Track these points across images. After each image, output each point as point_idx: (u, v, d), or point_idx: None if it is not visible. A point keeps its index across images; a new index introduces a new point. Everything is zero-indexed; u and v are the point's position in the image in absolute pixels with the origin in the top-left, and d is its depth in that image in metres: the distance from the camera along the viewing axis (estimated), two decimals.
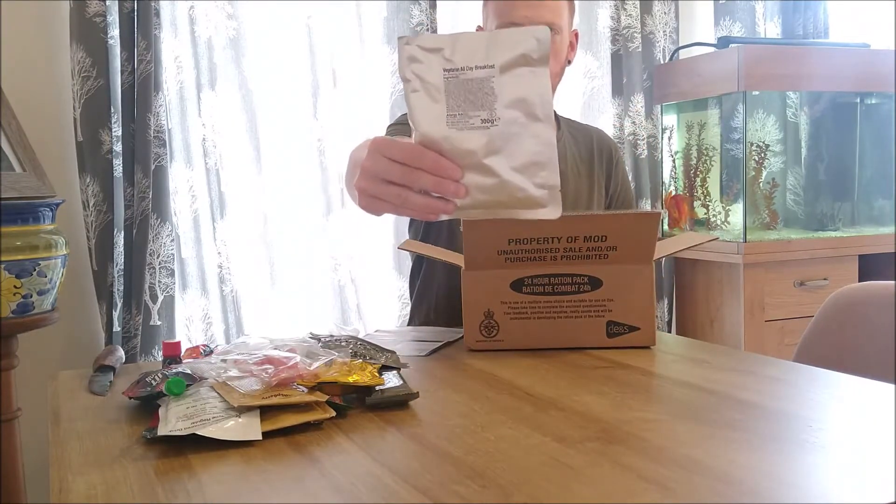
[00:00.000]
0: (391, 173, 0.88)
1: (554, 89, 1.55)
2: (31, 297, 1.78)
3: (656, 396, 0.95)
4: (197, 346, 1.11)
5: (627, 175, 1.76)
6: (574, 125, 1.71)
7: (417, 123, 0.91)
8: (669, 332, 2.76)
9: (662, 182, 2.82)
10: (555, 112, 1.65)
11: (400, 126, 1.51)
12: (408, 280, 1.77)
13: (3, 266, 1.72)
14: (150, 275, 2.15)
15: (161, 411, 0.86)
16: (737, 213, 2.59)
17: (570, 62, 1.58)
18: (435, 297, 1.58)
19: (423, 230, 1.57)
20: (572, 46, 1.57)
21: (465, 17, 2.49)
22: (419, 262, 1.65)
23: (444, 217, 0.91)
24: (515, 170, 0.88)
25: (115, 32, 2.12)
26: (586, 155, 1.65)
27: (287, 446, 0.80)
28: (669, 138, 2.83)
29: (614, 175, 1.68)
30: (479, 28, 1.58)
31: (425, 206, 0.89)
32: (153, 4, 2.11)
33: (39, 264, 1.78)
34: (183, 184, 2.25)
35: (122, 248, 2.15)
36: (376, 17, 2.43)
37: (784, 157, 2.79)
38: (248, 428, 0.82)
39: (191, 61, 2.24)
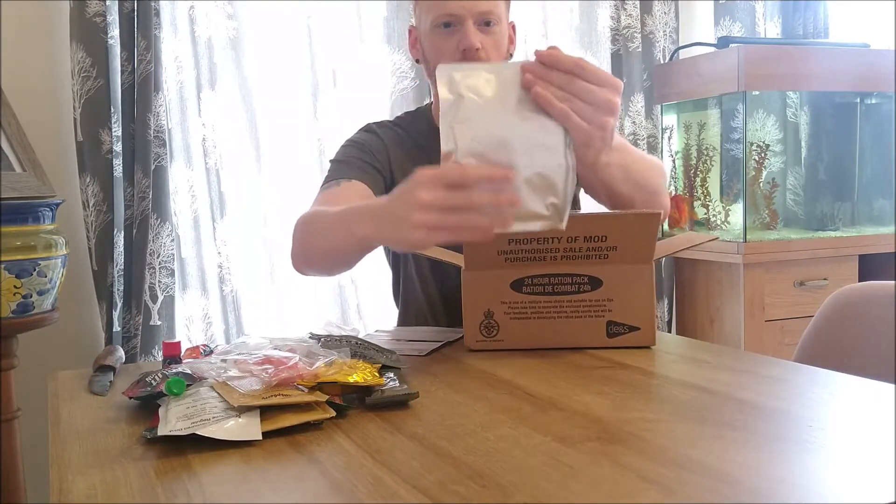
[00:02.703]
0: (453, 200, 0.89)
1: None
2: (31, 297, 1.78)
3: (656, 396, 0.95)
4: (197, 346, 1.11)
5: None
6: None
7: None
8: (669, 332, 2.76)
9: None
10: None
11: (359, 143, 1.48)
12: None
13: (3, 266, 1.72)
14: (150, 275, 2.15)
15: (161, 411, 0.86)
16: (737, 213, 2.59)
17: (511, 56, 1.49)
18: (416, 307, 1.56)
19: None
20: (511, 39, 1.49)
21: None
22: (397, 273, 1.62)
23: (500, 231, 0.94)
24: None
25: (115, 32, 2.12)
26: None
27: (287, 446, 0.80)
28: (669, 138, 2.83)
29: None
30: (412, 28, 1.50)
31: (489, 227, 0.91)
32: (153, 4, 2.11)
33: (39, 264, 1.78)
34: (183, 184, 2.25)
35: (122, 248, 2.15)
36: (376, 17, 2.43)
37: (784, 157, 2.79)
38: (248, 428, 0.82)
39: (191, 61, 2.24)
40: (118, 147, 2.14)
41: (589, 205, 2.07)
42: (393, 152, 1.48)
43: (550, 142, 0.95)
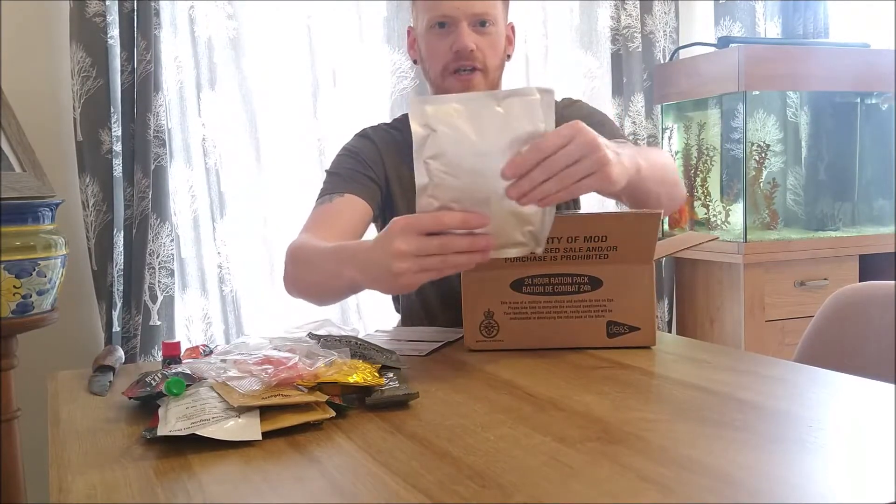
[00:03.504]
0: (429, 247, 0.92)
1: (497, 84, 1.46)
2: (31, 297, 1.78)
3: (656, 396, 0.95)
4: (197, 347, 1.11)
5: (615, 127, 1.59)
6: None
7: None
8: (669, 332, 2.76)
9: None
10: None
11: (353, 151, 1.48)
12: None
13: (2, 266, 1.72)
14: (150, 275, 2.15)
15: (161, 411, 0.86)
16: (737, 213, 2.59)
17: (509, 57, 1.49)
18: (417, 307, 1.56)
19: None
20: (510, 40, 1.49)
21: None
22: None
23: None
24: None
25: (114, 32, 2.12)
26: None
27: (287, 446, 0.80)
28: (669, 138, 2.83)
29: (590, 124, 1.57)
30: (410, 28, 1.50)
31: (468, 264, 0.94)
32: (153, 4, 2.11)
33: (39, 264, 1.78)
34: (183, 184, 2.25)
35: (121, 248, 2.15)
36: (376, 17, 2.43)
37: (784, 157, 2.79)
38: (248, 428, 0.82)
39: (191, 61, 2.24)
40: (118, 147, 2.14)
41: (588, 205, 2.08)
42: (388, 158, 1.48)
43: None
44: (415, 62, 1.51)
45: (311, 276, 1.20)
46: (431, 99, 0.96)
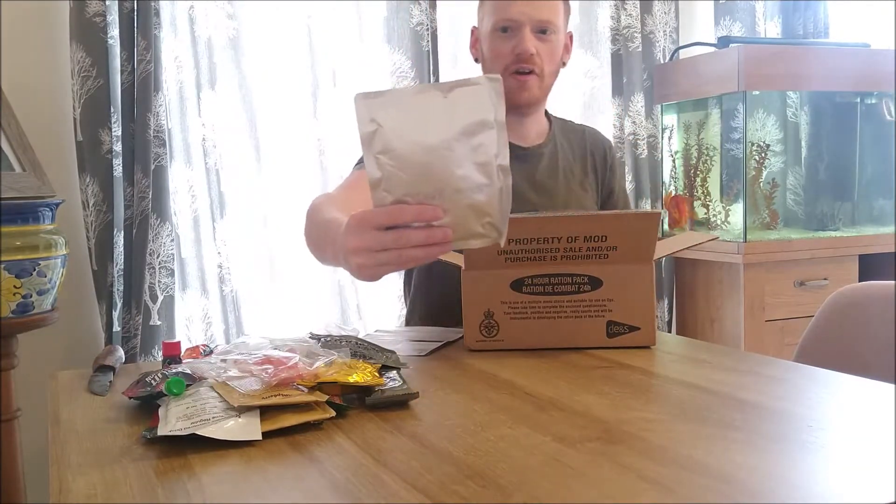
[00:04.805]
0: (383, 242, 0.91)
1: (549, 90, 1.55)
2: (31, 297, 1.78)
3: (656, 396, 0.95)
4: (197, 346, 1.11)
5: (625, 182, 1.74)
6: (568, 126, 1.69)
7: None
8: (669, 332, 2.76)
9: (662, 182, 2.82)
10: (547, 113, 1.64)
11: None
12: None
13: (3, 266, 1.72)
14: (150, 275, 2.15)
15: (161, 411, 0.86)
16: (737, 212, 2.59)
17: (564, 64, 1.57)
18: (427, 304, 1.57)
19: None
20: (567, 49, 1.56)
21: (465, 17, 2.49)
22: (408, 274, 1.64)
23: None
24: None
25: (114, 32, 2.12)
26: (579, 156, 1.63)
27: (287, 446, 0.80)
28: (669, 138, 2.83)
29: (608, 179, 1.66)
30: (474, 28, 1.57)
31: (427, 256, 0.93)
32: (153, 4, 2.11)
33: (39, 264, 1.78)
34: (183, 184, 2.25)
35: (121, 248, 2.15)
36: (376, 17, 2.43)
37: (784, 157, 2.79)
38: (248, 428, 0.82)
39: (191, 61, 2.24)
40: (118, 147, 2.14)
41: None
42: None
43: (479, 161, 0.93)
44: (476, 60, 1.58)
45: (311, 240, 1.22)
46: (376, 93, 0.94)
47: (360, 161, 1.46)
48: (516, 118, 1.53)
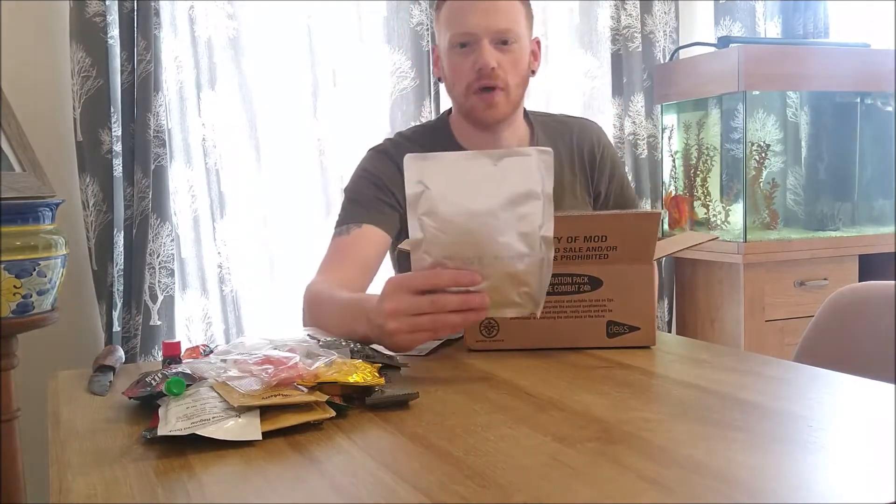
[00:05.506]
0: (420, 306, 0.92)
1: (519, 102, 1.46)
2: (31, 297, 1.78)
3: (656, 396, 0.95)
4: (197, 346, 1.11)
5: (624, 172, 1.62)
6: (552, 122, 1.57)
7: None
8: (669, 332, 2.76)
9: (662, 182, 2.82)
10: (526, 111, 1.54)
11: (372, 173, 1.45)
12: None
13: (3, 266, 1.72)
14: (150, 275, 2.15)
15: (161, 411, 0.86)
16: (737, 212, 2.59)
17: (533, 73, 1.48)
18: None
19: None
20: (535, 55, 1.47)
21: None
22: (400, 271, 1.62)
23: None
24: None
25: (114, 32, 2.12)
26: (567, 158, 1.53)
27: (287, 446, 0.80)
28: (669, 138, 2.83)
29: (599, 172, 1.55)
30: (435, 47, 1.49)
31: (463, 322, 0.94)
32: (153, 4, 2.11)
33: (39, 264, 1.78)
34: (183, 184, 2.25)
35: (121, 248, 2.15)
36: (376, 17, 2.43)
37: (784, 157, 2.79)
38: (248, 428, 0.82)
39: (191, 61, 2.24)
40: (118, 147, 2.14)
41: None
42: None
43: (523, 230, 0.95)
44: (439, 80, 1.51)
45: (329, 328, 1.16)
46: (427, 156, 0.96)
47: (339, 225, 1.42)
48: (489, 135, 1.46)
